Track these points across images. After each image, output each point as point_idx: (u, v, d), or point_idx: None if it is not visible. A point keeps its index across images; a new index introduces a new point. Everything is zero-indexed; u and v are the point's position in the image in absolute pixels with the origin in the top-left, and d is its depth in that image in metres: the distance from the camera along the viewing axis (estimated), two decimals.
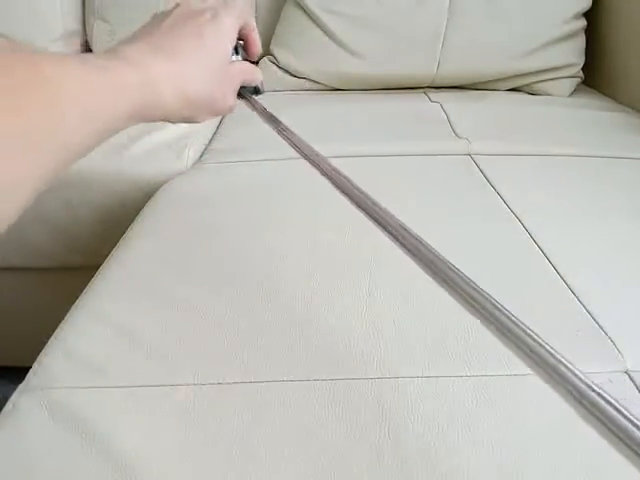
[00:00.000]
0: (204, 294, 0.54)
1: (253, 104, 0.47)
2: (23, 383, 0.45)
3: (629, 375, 0.45)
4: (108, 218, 0.90)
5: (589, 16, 1.18)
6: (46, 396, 0.43)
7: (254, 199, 0.74)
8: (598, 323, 0.50)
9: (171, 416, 0.42)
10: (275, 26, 1.24)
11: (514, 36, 1.14)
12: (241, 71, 0.45)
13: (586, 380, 0.23)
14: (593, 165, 0.84)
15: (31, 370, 0.47)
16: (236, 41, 0.44)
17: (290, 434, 0.40)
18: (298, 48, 1.19)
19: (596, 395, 0.23)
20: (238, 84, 0.45)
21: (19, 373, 0.48)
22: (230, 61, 0.43)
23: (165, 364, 0.46)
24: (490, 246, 0.63)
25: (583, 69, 1.19)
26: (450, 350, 0.47)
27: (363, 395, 0.43)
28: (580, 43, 1.18)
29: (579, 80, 1.19)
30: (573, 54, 1.17)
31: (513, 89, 1.20)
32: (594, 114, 1.07)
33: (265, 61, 1.22)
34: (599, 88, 1.23)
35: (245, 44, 0.47)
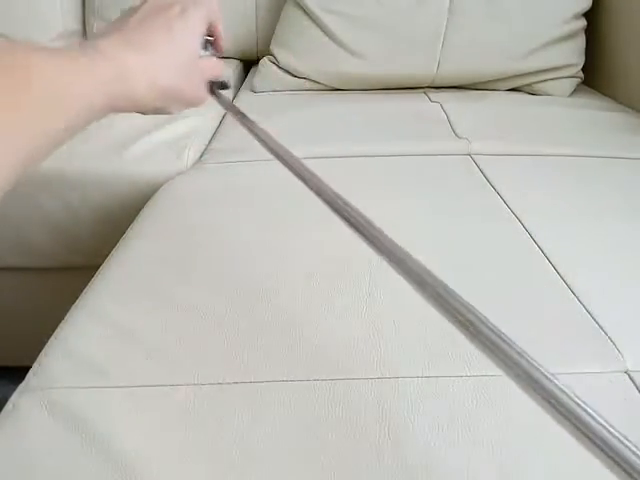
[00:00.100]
0: (204, 294, 0.54)
1: (221, 98, 0.48)
2: (23, 383, 0.45)
3: (629, 375, 0.45)
4: (108, 218, 0.90)
5: (589, 16, 1.18)
6: (46, 396, 0.43)
7: (254, 199, 0.74)
8: (598, 323, 0.50)
9: (171, 416, 0.42)
10: (275, 26, 1.24)
11: (514, 36, 1.14)
12: (210, 66, 0.46)
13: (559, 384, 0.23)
14: (594, 165, 0.84)
15: (31, 370, 0.47)
16: (205, 36, 0.45)
17: (290, 434, 0.40)
18: (298, 48, 1.19)
19: (568, 399, 0.22)
20: (208, 77, 0.46)
21: (19, 373, 0.47)
22: (199, 55, 0.44)
23: (165, 364, 0.46)
24: (490, 246, 0.63)
25: (583, 69, 1.19)
26: (450, 350, 0.47)
27: (363, 395, 0.43)
28: (580, 43, 1.18)
29: (579, 80, 1.19)
30: (573, 54, 1.17)
31: (513, 89, 1.20)
32: (594, 114, 1.07)
33: (265, 61, 1.22)
34: (599, 88, 1.23)
35: (213, 40, 0.48)
